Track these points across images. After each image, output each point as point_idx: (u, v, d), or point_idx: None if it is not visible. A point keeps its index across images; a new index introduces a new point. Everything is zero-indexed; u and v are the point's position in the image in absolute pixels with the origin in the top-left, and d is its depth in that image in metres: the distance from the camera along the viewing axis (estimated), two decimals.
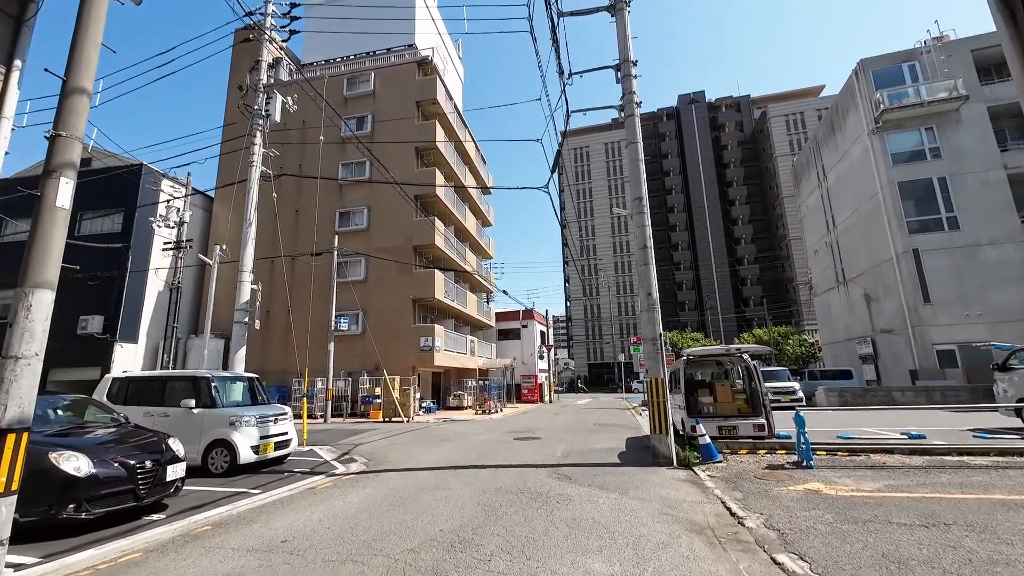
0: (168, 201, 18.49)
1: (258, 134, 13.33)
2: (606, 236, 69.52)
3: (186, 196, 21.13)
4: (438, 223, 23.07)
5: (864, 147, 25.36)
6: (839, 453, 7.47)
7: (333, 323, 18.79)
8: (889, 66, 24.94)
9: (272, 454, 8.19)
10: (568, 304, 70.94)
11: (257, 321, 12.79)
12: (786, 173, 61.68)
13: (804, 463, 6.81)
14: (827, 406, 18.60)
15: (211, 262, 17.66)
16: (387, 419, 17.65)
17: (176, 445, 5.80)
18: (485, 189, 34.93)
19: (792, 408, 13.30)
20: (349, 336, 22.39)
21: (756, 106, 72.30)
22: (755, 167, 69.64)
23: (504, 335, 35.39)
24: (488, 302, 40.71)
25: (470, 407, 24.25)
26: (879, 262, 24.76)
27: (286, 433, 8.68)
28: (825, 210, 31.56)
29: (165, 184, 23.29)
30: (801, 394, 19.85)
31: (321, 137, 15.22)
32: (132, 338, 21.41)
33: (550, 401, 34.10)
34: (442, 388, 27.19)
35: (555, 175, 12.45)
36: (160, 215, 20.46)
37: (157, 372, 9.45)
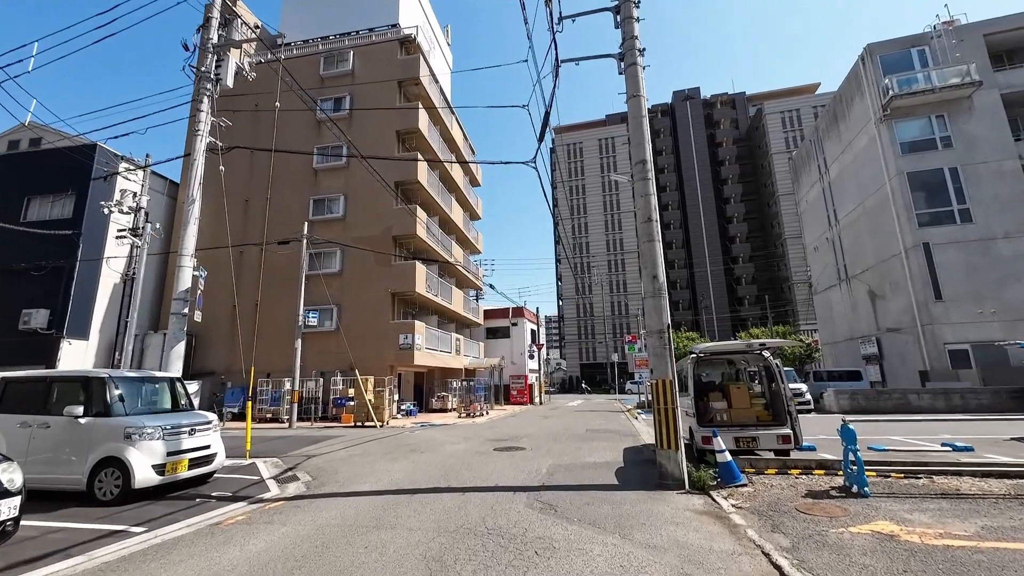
0: (106, 172, 16.64)
1: (205, 100, 11.62)
2: (599, 233, 68.13)
3: (142, 168, 19.32)
4: (420, 212, 21.44)
5: (871, 136, 24.13)
6: (893, 474, 5.97)
7: (301, 318, 17.10)
8: (897, 51, 23.72)
9: (185, 474, 6.55)
10: (560, 303, 69.49)
11: (199, 313, 11.11)
12: (782, 171, 60.77)
13: (856, 490, 5.31)
14: (837, 410, 17.25)
15: (140, 242, 15.85)
16: (359, 424, 16.00)
17: (8, 472, 4.16)
18: (473, 181, 33.34)
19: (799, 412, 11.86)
20: (322, 333, 20.70)
21: (752, 103, 71.35)
22: (750, 165, 68.68)
23: (493, 333, 33.81)
24: (478, 299, 39.09)
25: (454, 409, 22.67)
26: (886, 257, 23.53)
27: (208, 447, 7.04)
28: (827, 205, 30.36)
29: (124, 167, 21.39)
30: (808, 396, 18.51)
31: (276, 104, 13.51)
32: (82, 334, 19.53)
33: (540, 403, 32.57)
34: (425, 389, 25.56)
35: (543, 146, 10.86)
36: (115, 200, 18.60)
37: (41, 372, 7.74)
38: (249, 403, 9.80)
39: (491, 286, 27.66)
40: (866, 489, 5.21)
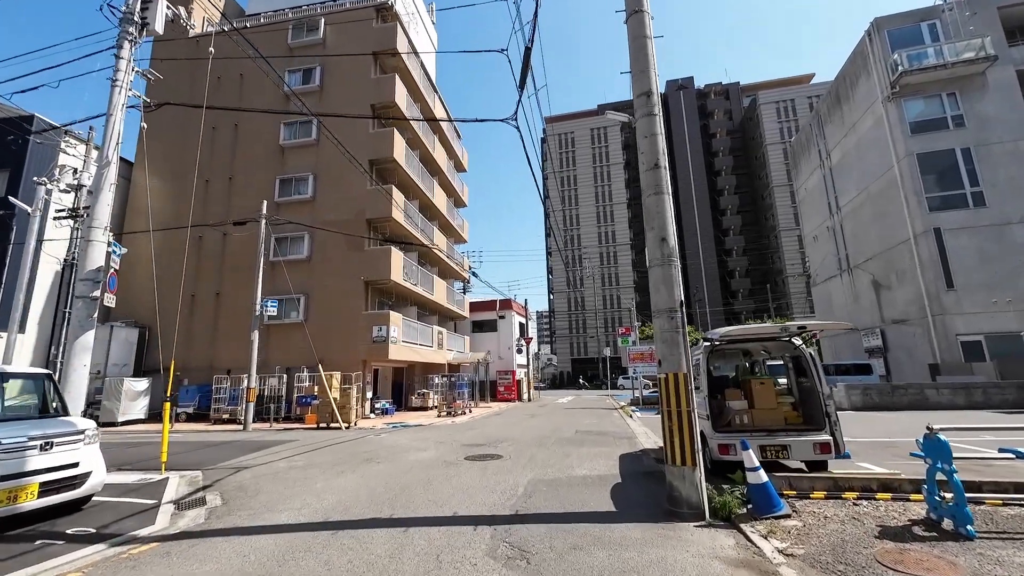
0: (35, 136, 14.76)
1: (127, 46, 9.75)
2: (591, 225, 66.63)
3: (84, 143, 17.36)
4: (397, 194, 19.66)
5: (877, 117, 22.77)
6: (987, 501, 4.43)
7: (259, 307, 15.30)
8: (907, 25, 22.35)
9: (32, 504, 4.83)
10: (551, 297, 67.98)
11: (111, 296, 9.29)
12: (776, 162, 59.70)
13: (953, 528, 3.77)
14: (848, 407, 15.88)
15: (79, 224, 13.92)
16: (322, 425, 14.30)
17: None
18: (459, 165, 31.55)
19: None
20: (287, 325, 18.91)
21: (746, 94, 70.18)
22: (744, 156, 67.56)
23: (479, 327, 32.16)
24: (465, 291, 37.37)
25: (435, 407, 21.02)
26: (892, 245, 22.25)
27: (75, 465, 5.32)
28: (827, 192, 29.06)
29: (68, 141, 19.33)
30: None
31: (211, 49, 11.66)
32: (17, 326, 17.49)
33: (529, 399, 31.03)
34: (405, 386, 23.87)
35: (526, 98, 9.02)
36: (53, 176, 16.70)
37: None
38: (167, 404, 8.05)
39: (474, 273, 25.93)
40: (970, 528, 3.66)
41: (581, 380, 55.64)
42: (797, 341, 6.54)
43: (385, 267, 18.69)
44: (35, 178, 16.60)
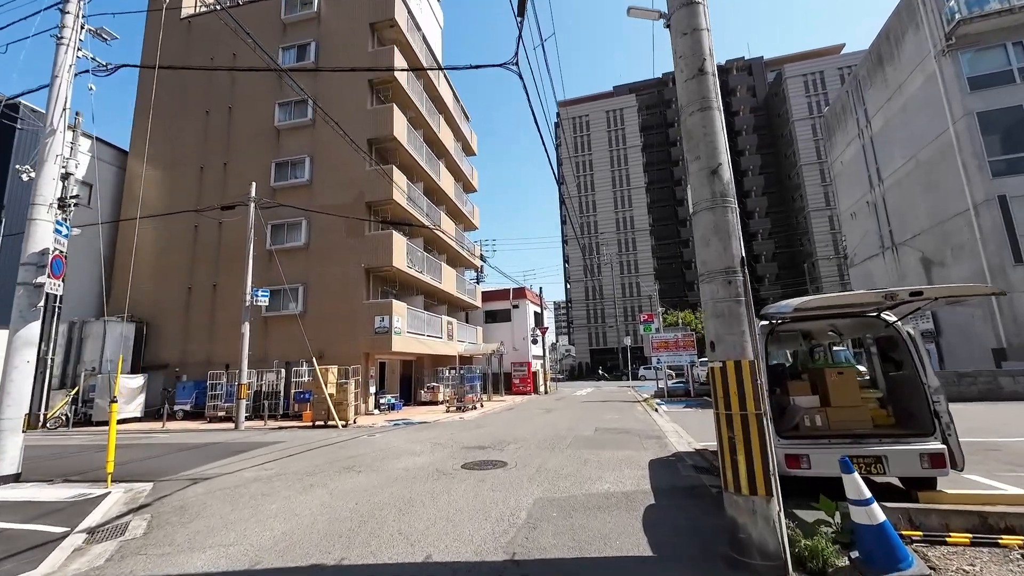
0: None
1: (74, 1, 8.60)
2: (608, 211, 64.43)
3: (72, 129, 16.48)
4: (398, 175, 18.33)
5: (928, 74, 20.39)
6: None
7: (249, 297, 14.19)
8: None
9: None
10: (568, 286, 66.22)
11: (56, 282, 8.21)
12: (805, 138, 56.53)
13: None
14: None
15: (66, 216, 12.99)
16: (318, 423, 13.16)
17: None
18: (467, 148, 30.06)
19: None
20: (286, 317, 17.85)
21: (770, 68, 66.64)
22: (769, 135, 64.28)
23: (492, 317, 30.82)
24: (478, 281, 36.05)
25: (445, 402, 19.81)
26: (946, 217, 19.97)
27: None
28: (867, 163, 26.64)
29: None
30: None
31: (184, 12, 10.38)
32: (2, 322, 16.82)
33: (545, 392, 29.65)
34: (414, 379, 22.73)
35: (527, 34, 7.40)
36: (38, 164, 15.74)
37: None
38: (113, 405, 6.86)
39: (483, 258, 24.56)
40: None
41: (600, 371, 53.96)
42: (890, 317, 4.93)
43: (386, 253, 17.42)
44: (17, 166, 15.77)
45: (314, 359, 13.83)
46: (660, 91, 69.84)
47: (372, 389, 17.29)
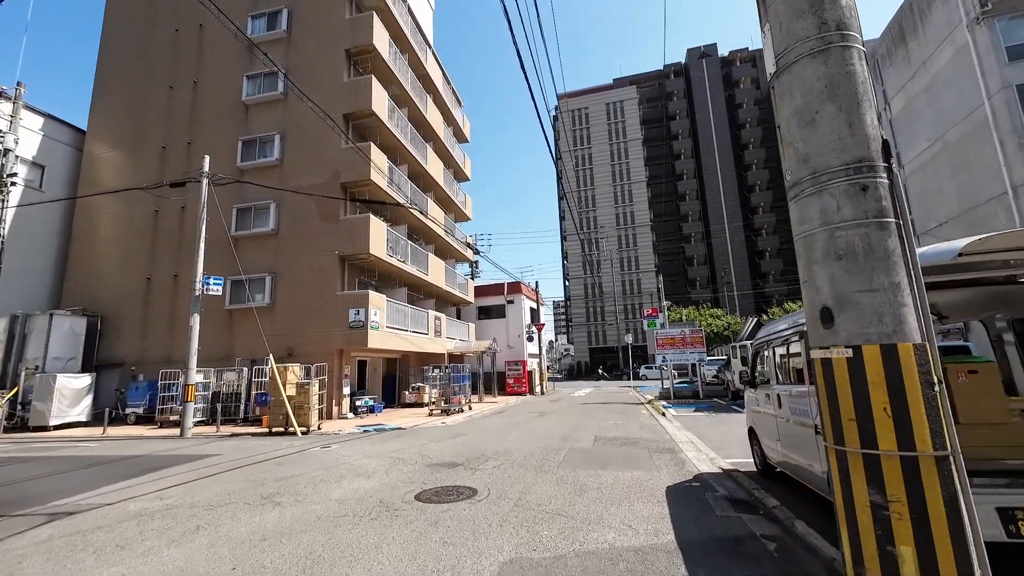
0: None
1: None
2: (608, 206, 62.63)
3: (11, 100, 14.89)
4: (377, 153, 16.59)
5: (959, 47, 18.67)
6: None
7: (198, 285, 12.44)
8: None
9: None
10: (567, 283, 64.48)
11: None
12: None
13: None
14: None
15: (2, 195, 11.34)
16: (275, 430, 11.42)
17: None
18: (459, 134, 28.31)
19: None
20: (252, 309, 16.08)
21: None
22: (774, 127, 62.46)
23: (485, 313, 29.10)
24: (473, 276, 34.31)
25: (431, 403, 18.06)
26: (978, 202, 18.24)
27: None
28: None
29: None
30: None
31: None
32: None
33: (542, 392, 27.92)
34: (398, 379, 21.00)
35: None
36: None
37: None
38: None
39: (475, 250, 22.83)
40: None
41: (600, 370, 52.18)
42: None
43: (363, 238, 15.68)
44: None
45: (270, 356, 12.07)
46: (661, 84, 68.09)
47: (346, 390, 15.55)
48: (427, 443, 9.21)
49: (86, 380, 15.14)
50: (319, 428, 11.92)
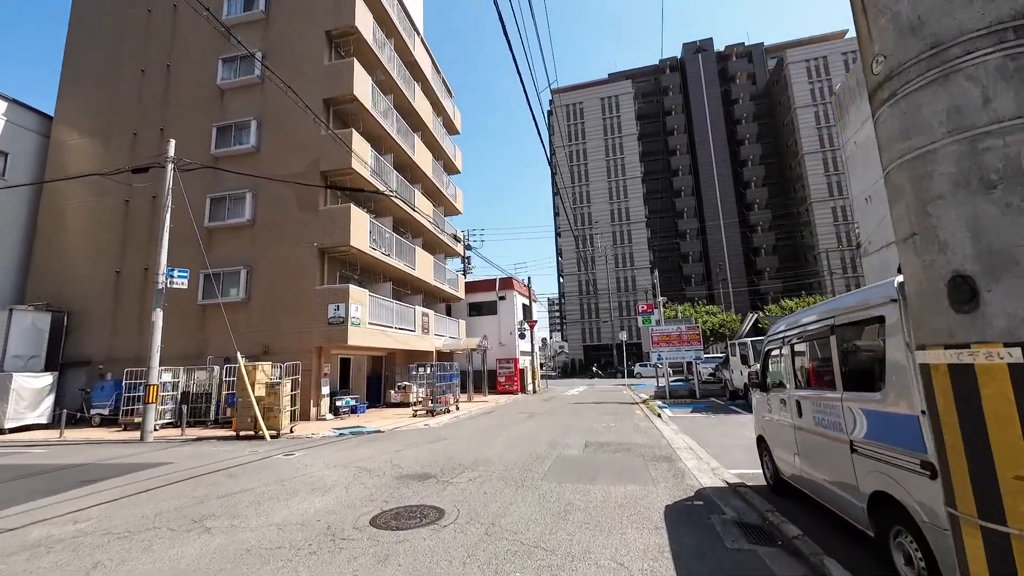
0: None
1: None
2: (603, 202, 61.89)
3: None
4: (359, 140, 15.74)
5: None
6: None
7: (162, 277, 11.59)
8: None
9: None
10: (561, 279, 63.75)
11: None
12: (808, 126, 54.35)
13: None
14: None
15: None
16: (243, 433, 10.61)
17: None
18: (449, 125, 27.47)
19: None
20: (228, 305, 15.23)
21: (771, 54, 64.37)
22: (770, 123, 62.03)
23: (476, 310, 28.32)
24: (465, 273, 33.48)
25: (418, 403, 17.28)
26: None
27: None
28: None
29: None
30: None
31: None
32: None
33: (534, 391, 27.22)
34: (384, 378, 20.19)
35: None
36: None
37: None
38: None
39: (468, 246, 22.06)
40: None
41: (594, 368, 51.57)
42: None
43: (343, 230, 14.84)
44: None
45: (239, 354, 11.22)
46: (656, 79, 67.38)
47: (325, 389, 14.73)
48: (403, 449, 8.44)
49: (47, 380, 14.24)
50: (292, 431, 11.12)
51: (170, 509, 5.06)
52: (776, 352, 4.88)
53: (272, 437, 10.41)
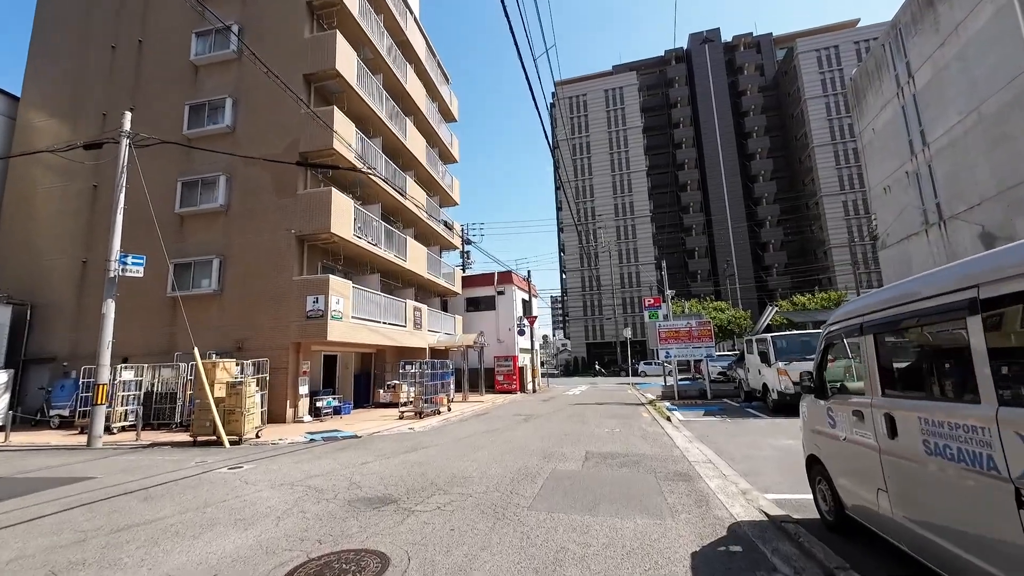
0: None
1: None
2: (607, 197, 60.46)
3: None
4: (342, 119, 14.52)
5: (1001, 4, 16.60)
6: None
7: (114, 264, 10.41)
8: None
9: None
10: (563, 276, 62.41)
11: None
12: (818, 118, 52.75)
13: None
14: None
15: None
16: (200, 439, 9.43)
17: None
18: (445, 111, 26.21)
19: None
20: (200, 297, 14.13)
21: (780, 45, 62.67)
22: (778, 116, 60.40)
23: (474, 305, 27.08)
24: (464, 268, 32.33)
25: (408, 403, 16.06)
26: (1020, 180, 16.28)
27: None
28: (907, 127, 22.81)
29: None
30: None
31: None
32: None
33: (533, 390, 25.99)
34: (373, 376, 19.00)
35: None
36: None
37: None
38: None
39: (469, 241, 20.80)
40: None
41: (597, 366, 50.25)
42: None
43: (323, 215, 13.62)
44: None
45: (195, 350, 10.02)
46: (662, 71, 65.81)
47: (303, 389, 13.54)
48: (371, 461, 7.21)
49: (1, 377, 13.10)
50: (257, 436, 9.92)
51: (34, 551, 3.84)
52: (843, 344, 3.61)
53: (233, 443, 9.22)
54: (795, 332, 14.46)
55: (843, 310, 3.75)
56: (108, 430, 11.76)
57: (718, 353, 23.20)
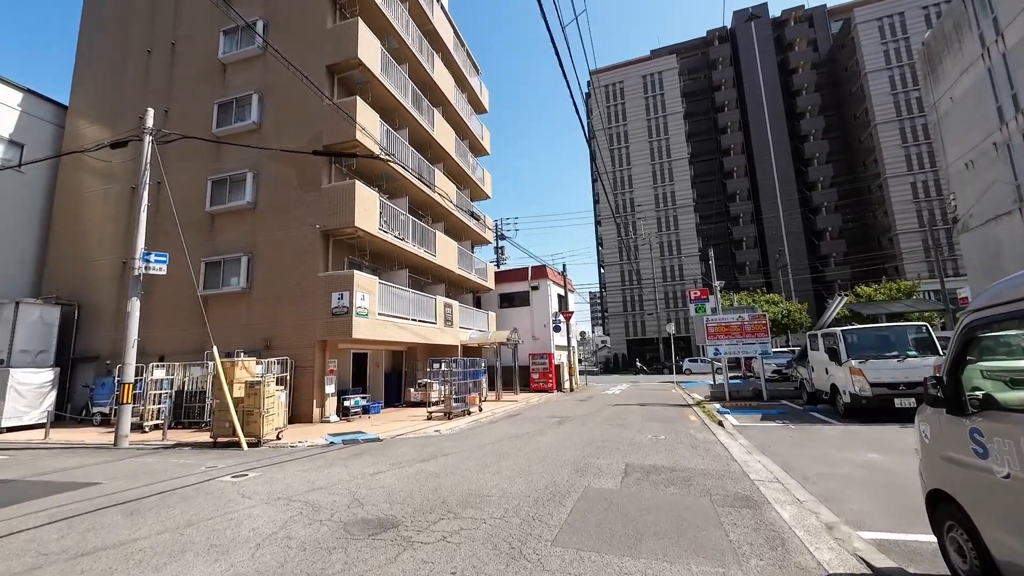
0: None
1: None
2: (646, 187, 58.11)
3: None
4: (365, 110, 14.04)
5: None
6: None
7: (138, 263, 10.32)
8: None
9: None
10: (602, 270, 60.63)
11: None
12: (881, 92, 48.40)
13: None
14: None
15: None
16: (220, 440, 9.14)
17: None
18: (475, 102, 25.52)
19: None
20: (230, 295, 14.12)
21: (835, 18, 58.05)
22: (834, 93, 55.97)
23: (507, 301, 26.29)
24: (499, 264, 31.62)
25: (439, 403, 15.50)
26: None
27: None
28: (996, 91, 20.02)
29: None
30: None
31: None
32: None
33: (571, 388, 24.93)
34: (404, 374, 18.59)
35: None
36: None
37: None
38: None
39: (502, 236, 20.05)
40: None
41: (638, 363, 48.33)
42: None
43: (348, 209, 13.19)
44: None
45: (214, 348, 9.76)
46: (703, 53, 62.53)
47: (330, 388, 13.19)
48: (383, 471, 6.53)
49: (47, 375, 13.54)
50: (278, 437, 9.55)
51: None
52: (994, 340, 2.50)
53: (251, 445, 8.85)
54: (868, 326, 12.75)
55: (995, 290, 2.62)
56: (140, 428, 11.86)
57: (773, 350, 21.32)
